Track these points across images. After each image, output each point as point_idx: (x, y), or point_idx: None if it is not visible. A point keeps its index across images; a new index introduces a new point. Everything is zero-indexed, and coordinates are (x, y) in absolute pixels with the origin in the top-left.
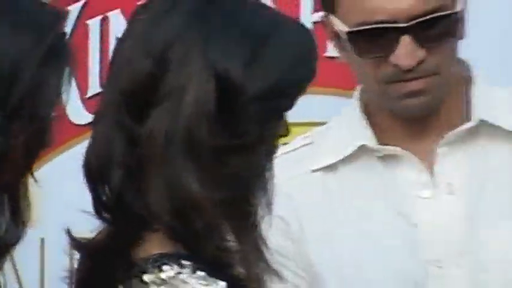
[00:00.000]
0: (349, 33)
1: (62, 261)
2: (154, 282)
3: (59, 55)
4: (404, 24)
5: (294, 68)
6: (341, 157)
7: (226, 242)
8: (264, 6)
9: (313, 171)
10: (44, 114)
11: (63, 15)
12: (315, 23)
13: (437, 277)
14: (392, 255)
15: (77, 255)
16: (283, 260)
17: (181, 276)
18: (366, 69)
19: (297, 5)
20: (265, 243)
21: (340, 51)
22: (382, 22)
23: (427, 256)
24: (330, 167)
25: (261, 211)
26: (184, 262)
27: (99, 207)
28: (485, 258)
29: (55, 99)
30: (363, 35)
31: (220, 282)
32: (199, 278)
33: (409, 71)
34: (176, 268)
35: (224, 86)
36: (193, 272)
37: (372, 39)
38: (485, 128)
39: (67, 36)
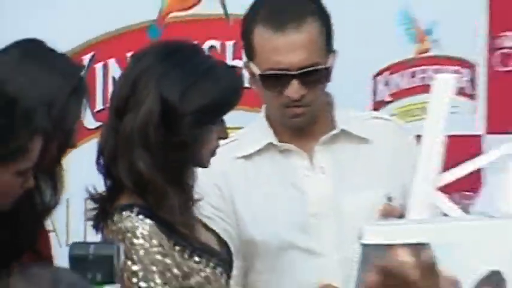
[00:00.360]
0: (260, 75)
1: (80, 215)
2: (117, 221)
3: (80, 92)
4: (294, 72)
5: (223, 94)
6: (255, 150)
7: (167, 200)
8: (206, 54)
9: (238, 158)
10: (70, 128)
11: (81, 67)
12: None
13: (315, 224)
14: (289, 210)
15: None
16: (217, 212)
17: (129, 217)
18: (271, 98)
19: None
20: (193, 201)
21: (254, 85)
22: (281, 70)
23: (309, 211)
24: (248, 156)
25: (194, 183)
26: (135, 209)
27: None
28: (345, 211)
29: (77, 119)
30: (269, 77)
31: (147, 220)
32: (139, 219)
33: (296, 101)
34: (128, 212)
35: (165, 106)
36: (137, 215)
37: (275, 80)
38: (344, 134)
39: (84, 79)
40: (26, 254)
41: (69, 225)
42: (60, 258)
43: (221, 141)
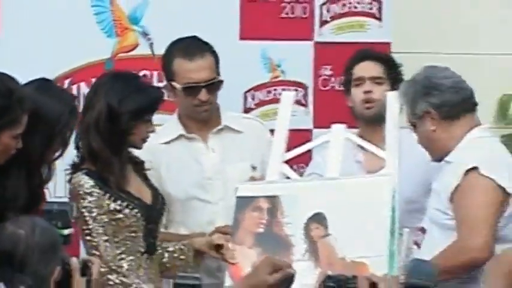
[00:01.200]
0: (183, 87)
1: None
2: (74, 177)
3: (75, 113)
4: (203, 84)
5: (148, 102)
6: (171, 138)
7: (111, 166)
8: (139, 77)
9: (160, 143)
10: (68, 135)
11: (74, 96)
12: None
13: (209, 184)
14: (192, 175)
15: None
16: (150, 177)
17: (79, 176)
18: (187, 101)
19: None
20: (124, 168)
21: (172, 96)
22: (195, 83)
23: (205, 176)
24: (167, 142)
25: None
26: (84, 171)
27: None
28: (228, 176)
29: (72, 130)
30: (187, 88)
31: (87, 178)
32: (84, 177)
33: (204, 102)
34: (79, 173)
35: (109, 108)
36: (83, 175)
37: (191, 90)
38: (226, 127)
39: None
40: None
41: (56, 183)
42: None
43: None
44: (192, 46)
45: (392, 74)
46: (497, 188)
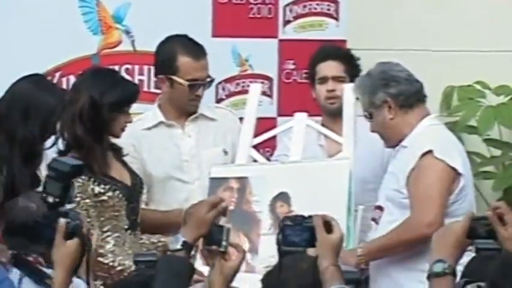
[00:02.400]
0: (189, 84)
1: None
2: None
3: (65, 105)
4: (202, 82)
5: (126, 95)
6: (152, 124)
7: (93, 152)
8: (117, 73)
9: (142, 129)
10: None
11: (65, 90)
12: None
13: (186, 165)
14: (171, 157)
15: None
16: (133, 159)
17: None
18: (184, 95)
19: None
20: (105, 154)
21: (166, 87)
22: (196, 80)
23: (182, 158)
24: (148, 128)
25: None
26: (73, 156)
27: None
28: (202, 159)
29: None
30: (191, 84)
31: (73, 161)
32: (70, 158)
33: (198, 96)
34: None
35: (91, 100)
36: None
37: (194, 86)
38: (201, 115)
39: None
40: None
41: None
42: None
43: (133, 120)
44: (196, 47)
45: (352, 71)
46: (449, 169)
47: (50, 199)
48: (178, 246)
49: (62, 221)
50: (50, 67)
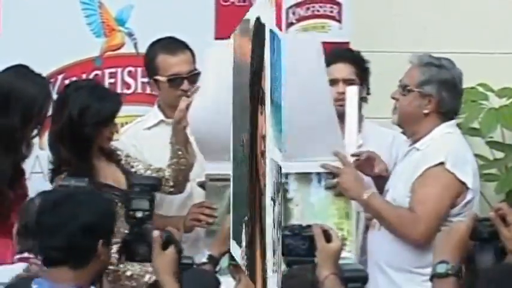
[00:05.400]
0: (168, 79)
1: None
2: (56, 180)
3: (49, 95)
4: (185, 76)
5: (105, 110)
6: (153, 124)
7: (80, 164)
8: (102, 87)
9: (144, 129)
10: (44, 114)
11: (48, 80)
12: None
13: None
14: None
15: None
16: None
17: (60, 178)
18: (170, 92)
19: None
20: (95, 168)
21: (155, 88)
22: (178, 74)
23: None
24: (149, 127)
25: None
26: (64, 173)
27: None
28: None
29: (47, 110)
30: (171, 80)
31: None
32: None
33: (185, 92)
34: (62, 175)
35: (70, 122)
36: (63, 176)
37: (175, 81)
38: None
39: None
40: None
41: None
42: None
43: (136, 120)
44: (173, 43)
45: (362, 74)
46: (457, 182)
47: (139, 214)
48: (204, 260)
49: (156, 233)
50: (53, 69)
